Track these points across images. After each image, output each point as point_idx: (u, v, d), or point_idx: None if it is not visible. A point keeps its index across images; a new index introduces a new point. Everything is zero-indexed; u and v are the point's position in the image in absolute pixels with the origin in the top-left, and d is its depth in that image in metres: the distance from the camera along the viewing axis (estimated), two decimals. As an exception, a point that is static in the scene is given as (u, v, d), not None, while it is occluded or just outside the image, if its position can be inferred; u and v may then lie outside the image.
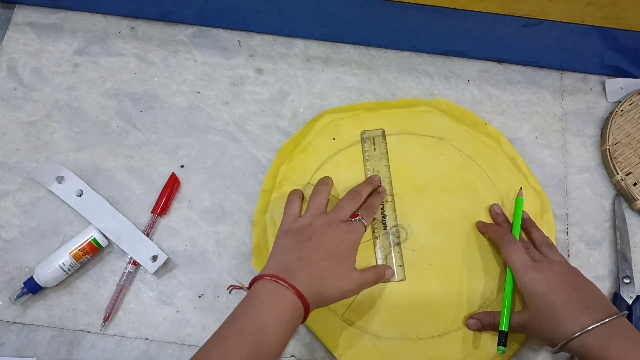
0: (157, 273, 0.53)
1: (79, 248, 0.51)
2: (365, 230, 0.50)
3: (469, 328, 0.51)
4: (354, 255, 0.49)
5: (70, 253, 0.51)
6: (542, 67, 0.63)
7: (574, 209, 0.57)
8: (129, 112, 0.59)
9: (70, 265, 0.51)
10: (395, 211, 0.55)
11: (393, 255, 0.54)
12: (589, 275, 0.55)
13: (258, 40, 0.63)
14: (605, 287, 0.54)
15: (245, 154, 0.58)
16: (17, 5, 0.62)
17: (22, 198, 0.55)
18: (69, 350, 0.50)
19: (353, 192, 0.53)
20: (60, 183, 0.55)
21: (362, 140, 0.57)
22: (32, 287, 0.50)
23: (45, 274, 0.50)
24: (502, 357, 0.50)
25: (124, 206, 0.55)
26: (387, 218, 0.55)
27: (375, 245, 0.54)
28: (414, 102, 0.60)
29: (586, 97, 0.62)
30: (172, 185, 0.55)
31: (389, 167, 0.57)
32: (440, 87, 0.62)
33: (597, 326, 0.43)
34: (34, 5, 0.62)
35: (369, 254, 0.54)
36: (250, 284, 0.45)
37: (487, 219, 0.55)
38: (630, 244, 0.55)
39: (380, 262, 0.54)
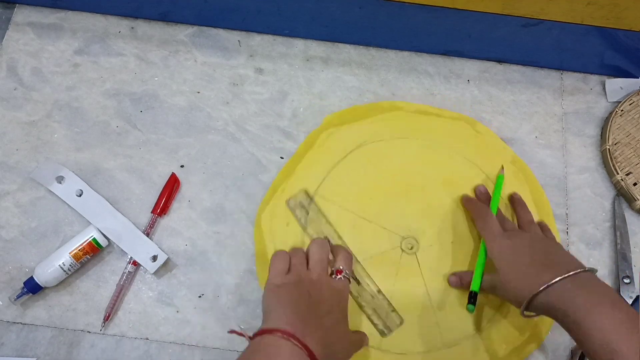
0: (157, 273, 0.53)
1: (79, 248, 0.51)
2: (350, 283, 0.48)
3: (450, 284, 0.53)
4: (347, 314, 0.46)
5: (70, 253, 0.51)
6: (542, 67, 0.63)
7: (574, 209, 0.57)
8: (129, 112, 0.59)
9: (70, 265, 0.51)
10: (357, 259, 0.53)
11: (380, 302, 0.52)
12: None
13: (258, 40, 0.63)
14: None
15: (245, 154, 0.58)
16: (17, 5, 0.62)
17: (22, 198, 0.55)
18: (69, 350, 0.50)
19: (320, 242, 0.49)
20: (60, 183, 0.55)
21: (292, 210, 0.55)
22: (32, 287, 0.50)
23: (45, 273, 0.50)
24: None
25: (124, 206, 0.55)
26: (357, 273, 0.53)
27: (359, 303, 0.52)
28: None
29: (586, 97, 0.62)
30: (172, 185, 0.55)
31: (329, 222, 0.54)
32: (440, 87, 0.62)
33: (561, 279, 0.43)
34: (34, 5, 0.62)
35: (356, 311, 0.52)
36: (255, 335, 0.41)
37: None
38: (630, 244, 0.55)
39: (372, 316, 0.52)
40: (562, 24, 0.54)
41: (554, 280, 0.43)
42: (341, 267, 0.47)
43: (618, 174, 0.57)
